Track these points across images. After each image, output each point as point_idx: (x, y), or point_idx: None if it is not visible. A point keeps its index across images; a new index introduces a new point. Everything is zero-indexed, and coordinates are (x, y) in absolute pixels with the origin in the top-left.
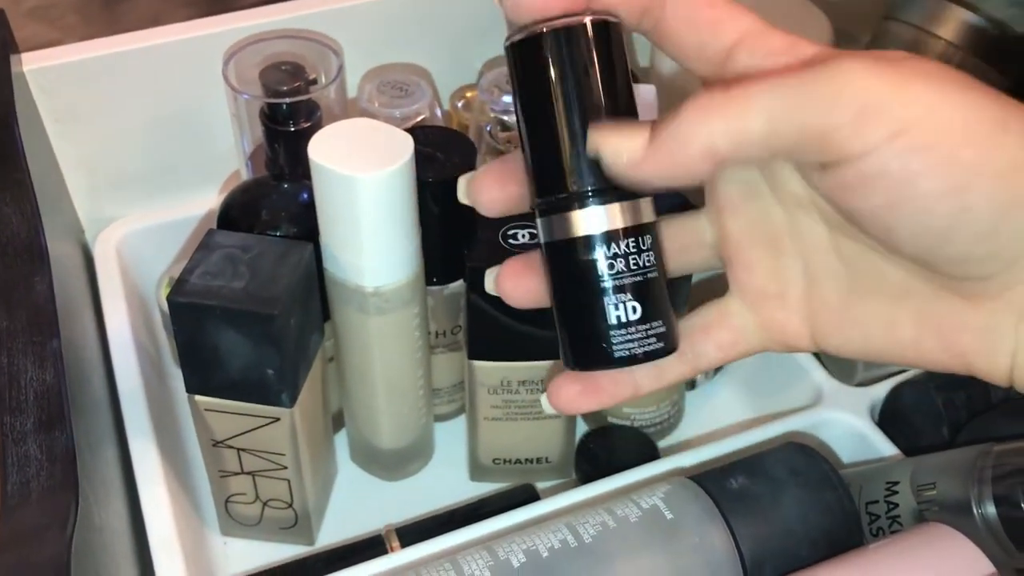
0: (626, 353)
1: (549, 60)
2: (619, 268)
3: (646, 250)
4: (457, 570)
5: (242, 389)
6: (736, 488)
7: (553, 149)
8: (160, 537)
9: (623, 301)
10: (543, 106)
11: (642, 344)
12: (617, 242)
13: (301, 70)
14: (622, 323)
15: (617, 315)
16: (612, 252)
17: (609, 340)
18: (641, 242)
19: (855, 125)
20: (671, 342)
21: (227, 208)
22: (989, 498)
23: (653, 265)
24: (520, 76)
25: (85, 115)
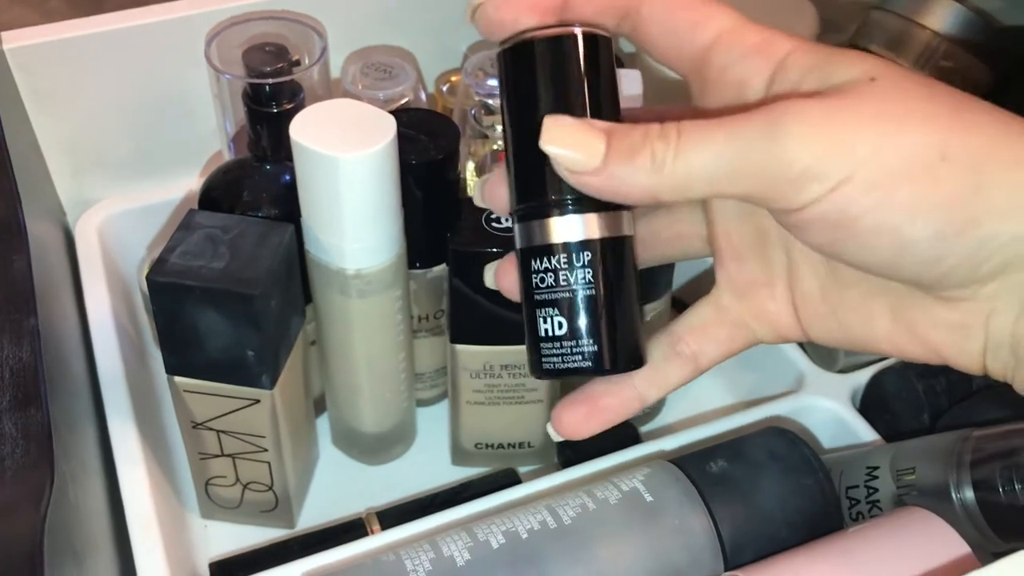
0: (550, 366)
1: (533, 67)
2: (548, 282)
3: (581, 267)
4: (436, 551)
5: (222, 370)
6: (716, 471)
7: (513, 157)
8: (139, 519)
9: (550, 316)
10: (519, 113)
11: (566, 360)
12: (549, 257)
13: (284, 51)
14: (548, 336)
15: (545, 328)
16: (543, 266)
17: (539, 351)
18: (576, 258)
19: (795, 186)
20: (603, 362)
21: (208, 189)
22: (967, 483)
23: (592, 283)
24: (506, 81)
25: (66, 95)
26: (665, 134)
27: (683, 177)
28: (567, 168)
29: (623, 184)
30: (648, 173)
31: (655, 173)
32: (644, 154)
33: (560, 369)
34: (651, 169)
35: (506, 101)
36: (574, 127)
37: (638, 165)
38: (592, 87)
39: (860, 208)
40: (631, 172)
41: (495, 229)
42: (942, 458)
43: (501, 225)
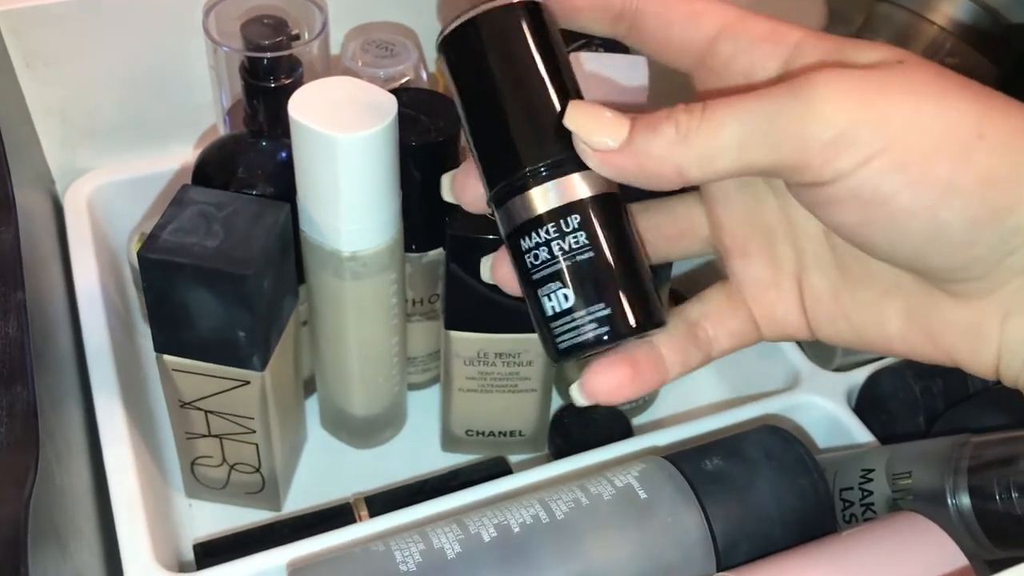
0: (567, 344)
1: (481, 47)
2: (543, 258)
3: (570, 231)
4: (427, 542)
5: (212, 350)
6: (711, 469)
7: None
8: (123, 498)
9: (552, 291)
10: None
11: (581, 333)
12: (536, 231)
13: (284, 25)
14: (556, 314)
15: (552, 306)
16: (533, 242)
17: (552, 332)
18: (563, 224)
19: (827, 154)
20: (619, 325)
21: (203, 163)
22: (964, 489)
23: (586, 245)
24: (455, 67)
25: (58, 61)
26: (690, 108)
27: (710, 145)
28: (592, 144)
29: (648, 158)
30: (673, 143)
31: (680, 143)
32: (668, 124)
33: (578, 344)
34: (676, 138)
35: (460, 87)
36: (598, 108)
37: (663, 133)
38: (546, 55)
39: (894, 185)
40: (656, 143)
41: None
42: (939, 463)
43: None
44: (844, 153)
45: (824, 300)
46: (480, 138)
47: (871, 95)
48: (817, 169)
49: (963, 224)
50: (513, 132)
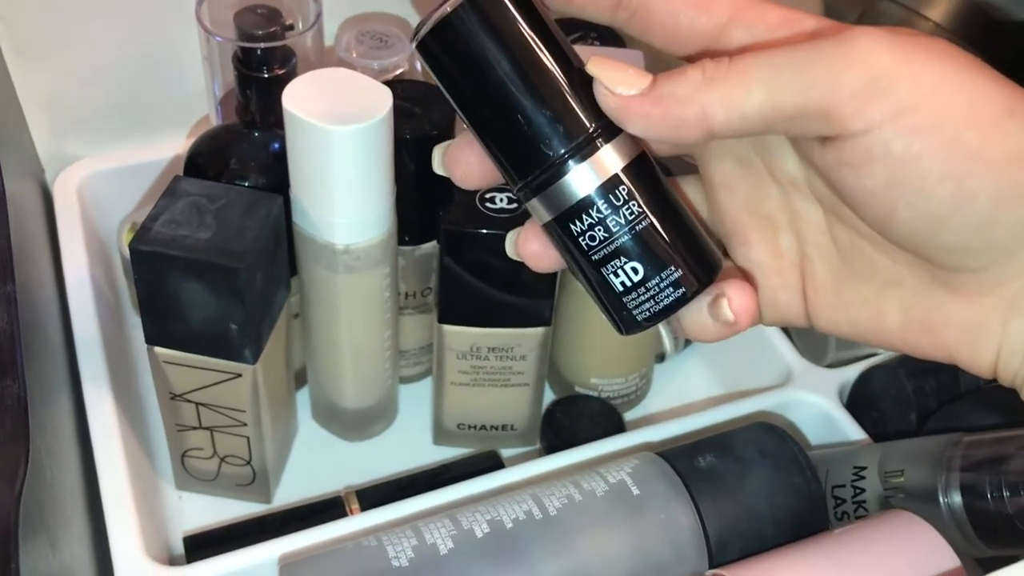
0: (646, 314)
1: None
2: (600, 237)
3: (622, 204)
4: (419, 538)
5: (204, 343)
6: (704, 466)
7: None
8: (113, 491)
9: (619, 268)
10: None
11: (658, 300)
12: (587, 212)
13: (277, 14)
14: (628, 288)
15: (621, 282)
16: (586, 224)
17: (625, 307)
18: (613, 199)
19: (860, 100)
20: (693, 282)
21: (195, 154)
22: (956, 488)
23: (641, 213)
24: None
25: (49, 48)
26: (717, 58)
27: (738, 86)
28: (616, 88)
29: (673, 100)
30: (699, 84)
31: (707, 84)
32: (695, 69)
33: (657, 312)
34: (702, 80)
35: (454, 84)
36: (619, 61)
37: (688, 76)
38: (542, 31)
39: (925, 145)
40: (681, 85)
41: (489, 209)
42: (931, 462)
43: (496, 205)
44: (877, 102)
45: (824, 290)
46: (493, 133)
47: (908, 52)
48: (848, 116)
49: (988, 198)
50: (532, 121)
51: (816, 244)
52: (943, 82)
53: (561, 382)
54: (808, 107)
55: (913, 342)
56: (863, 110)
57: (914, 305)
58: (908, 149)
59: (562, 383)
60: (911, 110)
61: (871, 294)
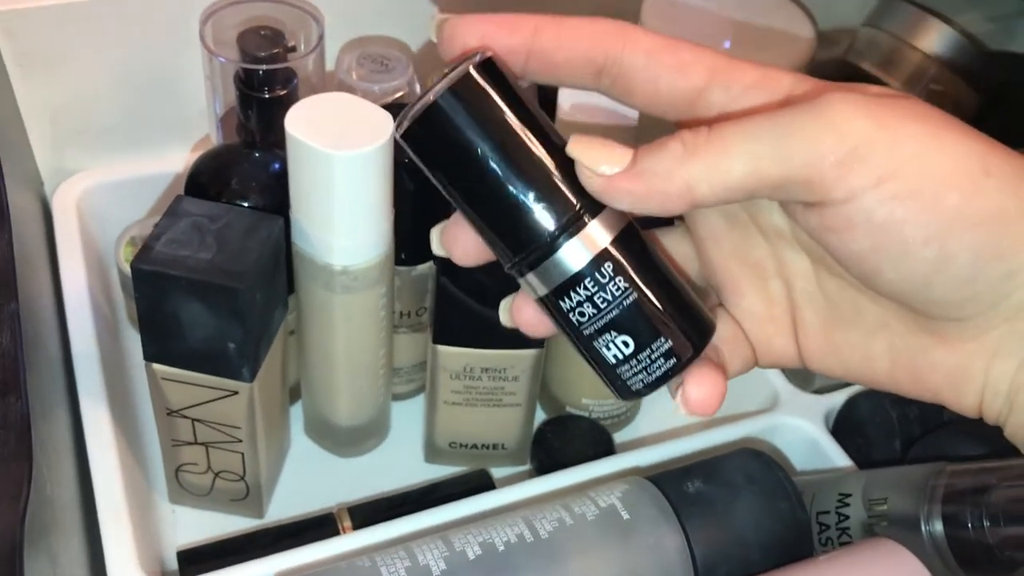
0: (640, 385)
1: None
2: (590, 313)
3: (608, 280)
4: (412, 559)
5: (202, 361)
6: (692, 491)
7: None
8: (109, 506)
9: (610, 341)
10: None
11: (651, 371)
12: (575, 288)
13: (280, 36)
14: (620, 360)
15: (613, 355)
16: (576, 300)
17: (620, 378)
18: (599, 276)
19: (840, 170)
20: (686, 349)
21: (196, 173)
22: (938, 516)
23: (628, 287)
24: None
25: (52, 62)
26: (695, 128)
27: (720, 158)
28: (596, 169)
29: (655, 177)
30: (680, 159)
31: (688, 157)
32: (675, 141)
33: (651, 382)
34: (683, 153)
35: (440, 170)
36: (598, 138)
37: (669, 150)
38: (521, 110)
39: (906, 211)
40: (663, 160)
41: None
42: (915, 490)
43: None
44: (857, 170)
45: (815, 335)
46: (482, 214)
47: (885, 118)
48: (829, 185)
49: (969, 257)
50: (518, 202)
51: (804, 291)
52: (921, 146)
53: (552, 402)
54: (790, 177)
55: (901, 384)
56: (844, 179)
57: (901, 350)
58: (891, 215)
59: (553, 403)
60: (891, 177)
61: (860, 339)
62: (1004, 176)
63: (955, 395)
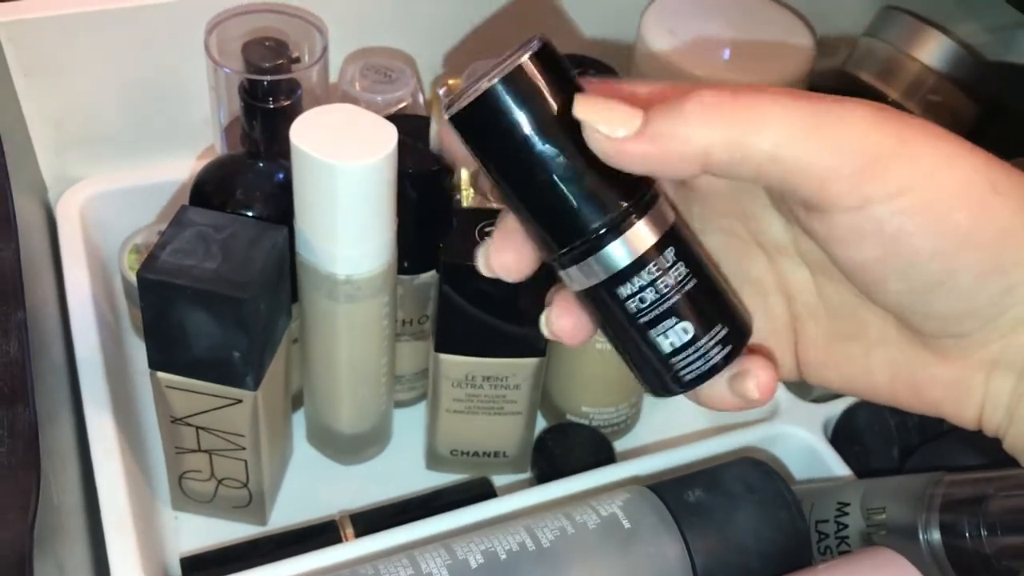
0: (693, 374)
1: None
2: (651, 299)
3: (671, 265)
4: (415, 567)
5: (206, 369)
6: (693, 501)
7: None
8: (114, 513)
9: (670, 328)
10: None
11: (707, 359)
12: (638, 273)
13: (285, 47)
14: (677, 349)
15: (670, 343)
16: (637, 286)
17: (672, 368)
18: (663, 260)
19: (858, 177)
20: (740, 338)
21: (201, 183)
22: (936, 526)
23: (688, 274)
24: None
25: (57, 71)
26: (716, 88)
27: (748, 127)
28: (608, 132)
29: (672, 140)
30: (700, 122)
31: (707, 122)
32: (693, 104)
33: (707, 370)
34: (703, 116)
35: (491, 158)
36: (607, 99)
37: (688, 114)
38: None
39: (917, 224)
40: (680, 124)
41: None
42: (913, 499)
43: None
44: (875, 181)
45: (815, 348)
46: (532, 204)
47: (903, 132)
48: (845, 191)
49: (973, 272)
50: (576, 190)
51: (805, 304)
52: (936, 163)
53: (553, 409)
54: (809, 171)
55: (901, 397)
56: (859, 187)
57: (901, 364)
58: (901, 227)
59: (554, 410)
60: (907, 190)
61: (860, 353)
62: (1012, 193)
63: (955, 408)
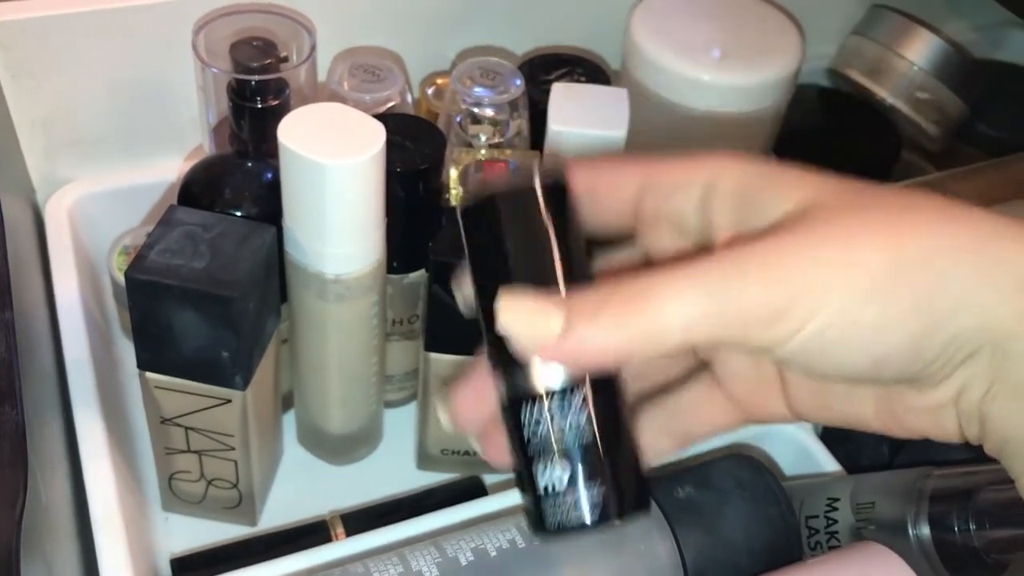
0: (554, 524)
1: (497, 224)
2: (541, 433)
3: (578, 410)
4: (405, 565)
5: (195, 369)
6: (683, 497)
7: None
8: (103, 514)
9: (549, 468)
10: (485, 273)
11: (574, 516)
12: (540, 402)
13: (273, 47)
14: (549, 492)
15: (545, 483)
16: (536, 415)
17: (541, 507)
18: (571, 401)
19: (763, 331)
20: (616, 510)
21: (189, 183)
22: (925, 520)
23: (589, 426)
24: (469, 238)
25: (44, 72)
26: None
27: (652, 328)
28: (528, 345)
29: (589, 349)
30: (612, 329)
31: (621, 327)
32: (607, 310)
33: (569, 526)
34: (615, 324)
35: (472, 252)
36: (529, 301)
37: (601, 321)
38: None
39: (832, 337)
40: (594, 332)
41: None
42: (902, 494)
43: None
44: (781, 325)
45: (804, 393)
46: (486, 307)
47: (797, 268)
48: (756, 343)
49: (904, 350)
50: None
51: None
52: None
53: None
54: (721, 340)
55: (889, 426)
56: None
57: (881, 399)
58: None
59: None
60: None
61: (845, 391)
62: (914, 262)
63: (936, 430)
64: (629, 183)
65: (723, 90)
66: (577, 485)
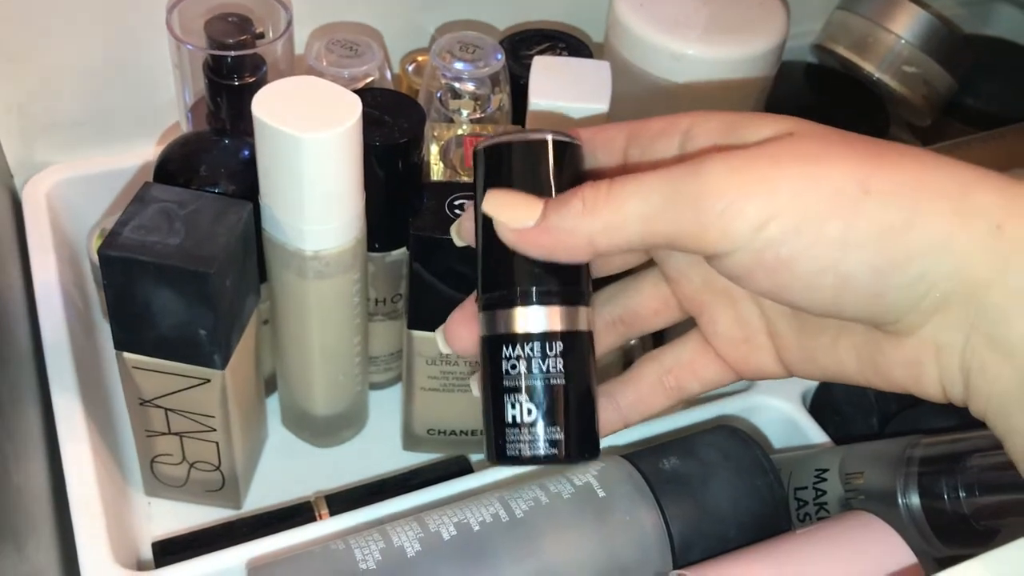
0: (514, 453)
1: (508, 162)
2: (520, 370)
3: (553, 356)
4: (386, 540)
5: (173, 348)
6: (668, 469)
7: (488, 250)
8: (81, 498)
9: (519, 402)
10: None
11: (532, 448)
12: (523, 344)
13: (248, 23)
14: (515, 423)
15: (513, 414)
16: (515, 353)
17: (503, 437)
18: (548, 347)
19: (722, 223)
20: (569, 451)
21: (165, 161)
22: (914, 489)
23: (561, 373)
24: (479, 178)
25: (19, 55)
26: (596, 184)
27: (615, 217)
28: (507, 225)
29: (561, 232)
30: (580, 215)
31: (588, 215)
32: (576, 199)
33: (525, 456)
34: (583, 211)
35: (478, 197)
36: (513, 193)
37: (571, 207)
38: (557, 185)
39: (792, 248)
40: (566, 217)
41: (457, 215)
42: (890, 463)
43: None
44: (735, 223)
45: (791, 346)
46: (488, 245)
47: (756, 168)
48: (715, 238)
49: (866, 275)
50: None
51: (774, 308)
52: (799, 184)
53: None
54: (680, 233)
55: (872, 380)
56: (725, 234)
57: (863, 350)
58: (778, 256)
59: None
60: (771, 219)
61: (828, 344)
62: (886, 192)
63: (918, 386)
64: (618, 142)
65: (707, 63)
66: (539, 422)
